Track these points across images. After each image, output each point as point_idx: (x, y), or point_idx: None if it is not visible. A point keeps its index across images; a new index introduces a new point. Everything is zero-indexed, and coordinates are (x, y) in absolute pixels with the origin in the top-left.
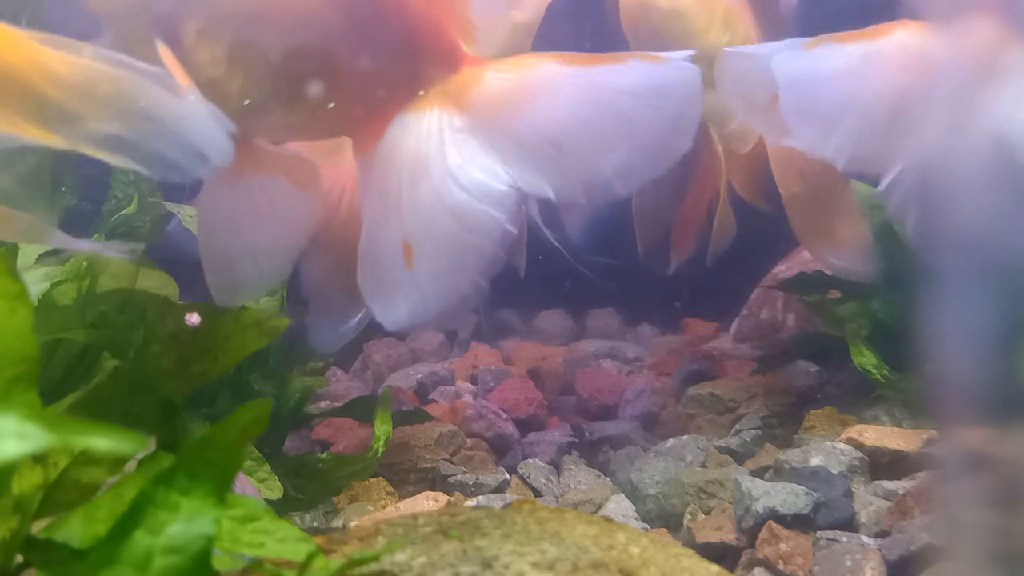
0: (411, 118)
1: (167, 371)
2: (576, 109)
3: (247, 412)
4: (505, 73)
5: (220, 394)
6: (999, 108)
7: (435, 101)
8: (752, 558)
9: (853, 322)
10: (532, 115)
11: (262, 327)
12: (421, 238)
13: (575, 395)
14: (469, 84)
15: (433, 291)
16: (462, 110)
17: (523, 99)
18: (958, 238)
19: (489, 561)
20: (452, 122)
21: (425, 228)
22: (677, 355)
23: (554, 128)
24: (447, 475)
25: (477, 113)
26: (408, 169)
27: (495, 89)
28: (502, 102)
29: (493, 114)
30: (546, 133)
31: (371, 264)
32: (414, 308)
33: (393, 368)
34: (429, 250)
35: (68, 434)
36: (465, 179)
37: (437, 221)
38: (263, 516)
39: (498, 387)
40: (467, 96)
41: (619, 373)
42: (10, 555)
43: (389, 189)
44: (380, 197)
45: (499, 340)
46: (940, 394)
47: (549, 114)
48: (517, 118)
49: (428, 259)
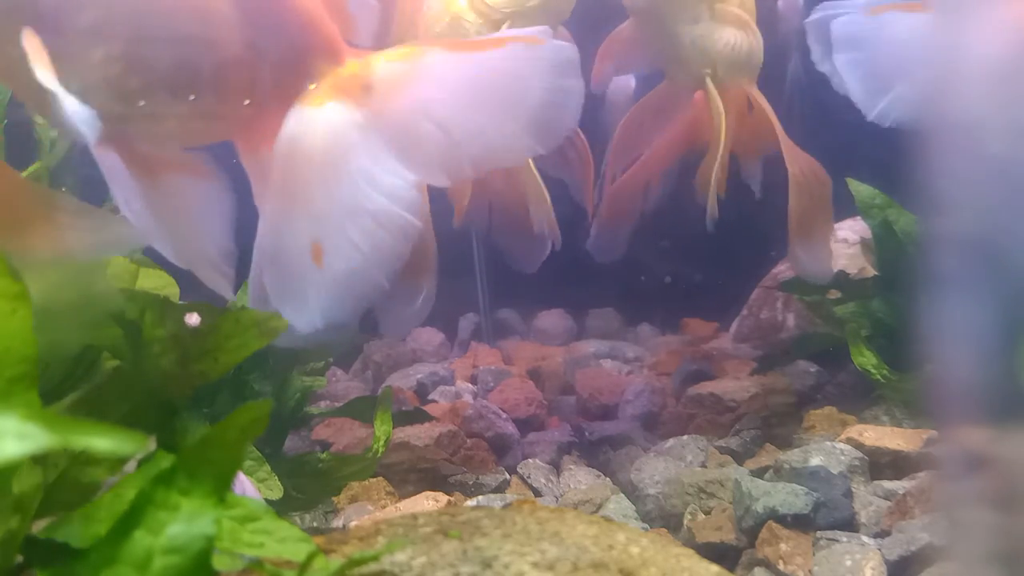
0: (308, 113)
1: (167, 371)
2: (464, 94)
3: (247, 412)
4: (395, 64)
5: (220, 394)
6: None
7: (329, 94)
8: (752, 558)
9: (853, 322)
10: (425, 104)
11: (262, 327)
12: (335, 238)
13: (575, 395)
14: (360, 76)
15: (348, 290)
16: (359, 103)
17: (414, 89)
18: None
19: (489, 561)
20: (353, 116)
21: (339, 229)
22: (677, 355)
23: (445, 114)
24: (447, 475)
25: (373, 105)
26: (317, 168)
27: (387, 80)
28: (396, 93)
29: (389, 106)
30: (438, 120)
31: (277, 266)
32: (328, 308)
33: (393, 368)
34: (344, 250)
35: (68, 434)
36: (378, 181)
37: (353, 222)
38: (263, 516)
39: (498, 387)
40: (361, 88)
41: (619, 373)
42: (10, 555)
43: (295, 189)
44: (284, 197)
45: (499, 340)
46: (940, 394)
47: (440, 101)
48: (411, 108)
49: (342, 259)
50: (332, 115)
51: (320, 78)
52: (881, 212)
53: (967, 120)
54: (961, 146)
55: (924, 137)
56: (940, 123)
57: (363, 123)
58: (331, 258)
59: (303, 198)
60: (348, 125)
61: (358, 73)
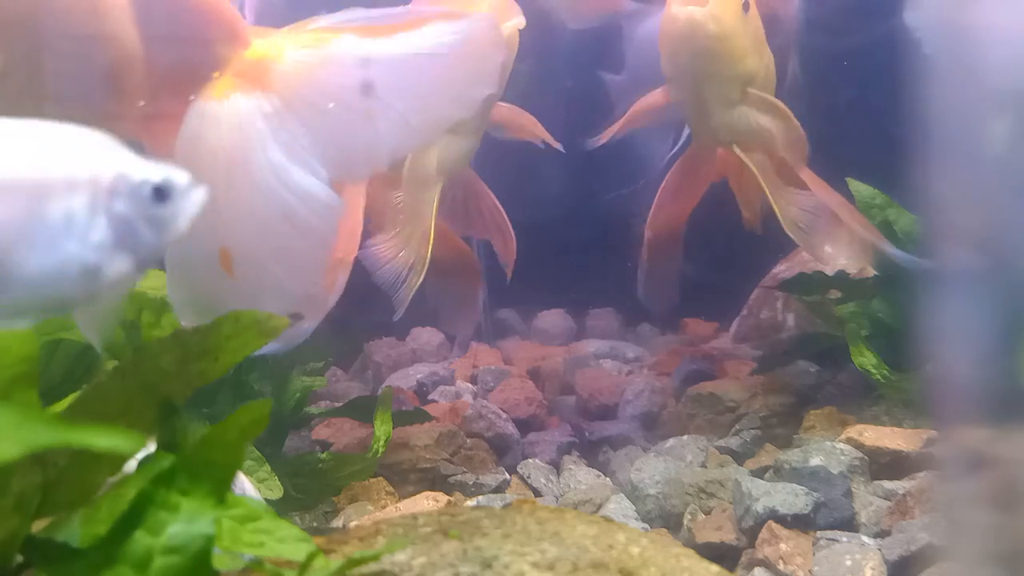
0: (211, 108)
1: (167, 371)
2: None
3: (247, 412)
4: (304, 49)
5: (220, 394)
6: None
7: (235, 84)
8: (752, 558)
9: (853, 322)
10: (339, 91)
11: (262, 327)
12: (244, 244)
13: (575, 395)
14: (267, 61)
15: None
16: (267, 90)
17: (327, 75)
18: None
19: (489, 561)
20: (261, 106)
21: (248, 233)
22: (677, 355)
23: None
24: (447, 475)
25: (283, 93)
26: (222, 167)
27: (297, 67)
28: (307, 80)
29: (299, 94)
30: (355, 107)
31: (185, 277)
32: None
33: (393, 368)
34: (255, 256)
35: (68, 434)
36: (289, 179)
37: (264, 226)
38: (263, 516)
39: (498, 387)
40: (269, 75)
41: (619, 373)
42: (10, 555)
43: None
44: None
45: (499, 340)
46: (940, 394)
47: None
48: (323, 95)
49: (253, 266)
50: (237, 108)
51: (224, 65)
52: (881, 212)
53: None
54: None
55: (925, 136)
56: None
57: (271, 112)
58: (242, 266)
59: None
60: (255, 117)
61: (263, 58)
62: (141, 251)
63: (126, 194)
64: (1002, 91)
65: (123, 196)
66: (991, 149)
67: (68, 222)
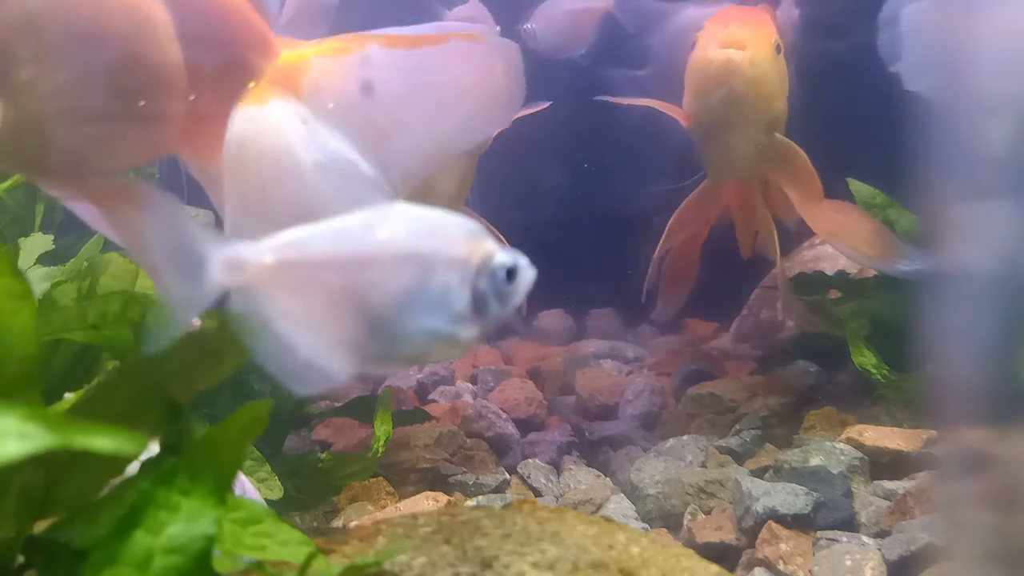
0: (253, 112)
1: (173, 373)
2: (404, 91)
3: (247, 412)
4: (330, 58)
5: (220, 394)
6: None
7: (271, 91)
8: (752, 558)
9: (853, 322)
10: (363, 100)
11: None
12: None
13: (575, 395)
14: (296, 68)
15: None
16: (300, 98)
17: (351, 85)
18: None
19: (489, 561)
20: (297, 111)
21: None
22: (677, 355)
23: (384, 111)
24: (447, 475)
25: (312, 100)
26: (268, 166)
27: (324, 75)
28: (333, 89)
29: (327, 101)
30: (377, 117)
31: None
32: None
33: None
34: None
35: (69, 434)
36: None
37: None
38: (265, 519)
39: (498, 387)
40: (300, 83)
41: (619, 373)
42: (12, 555)
43: (249, 191)
44: (239, 201)
45: (499, 340)
46: (940, 394)
47: (379, 98)
48: (350, 105)
49: None
50: (274, 111)
51: (259, 75)
52: (881, 212)
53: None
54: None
55: (927, 134)
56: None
57: (306, 116)
58: None
59: (259, 199)
60: (294, 120)
61: (293, 67)
62: (487, 321)
63: (488, 273)
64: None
65: (486, 275)
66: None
67: (445, 293)
